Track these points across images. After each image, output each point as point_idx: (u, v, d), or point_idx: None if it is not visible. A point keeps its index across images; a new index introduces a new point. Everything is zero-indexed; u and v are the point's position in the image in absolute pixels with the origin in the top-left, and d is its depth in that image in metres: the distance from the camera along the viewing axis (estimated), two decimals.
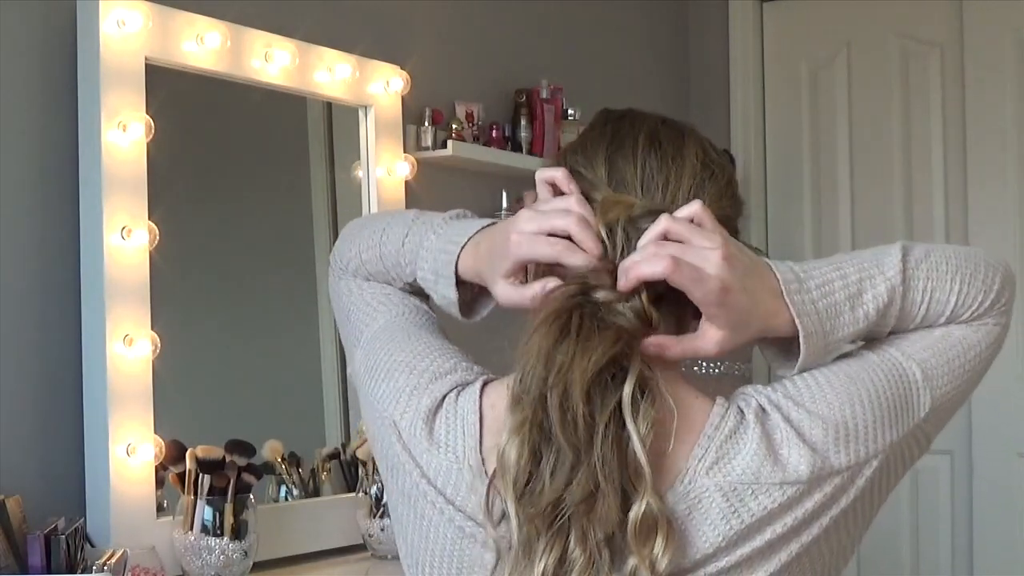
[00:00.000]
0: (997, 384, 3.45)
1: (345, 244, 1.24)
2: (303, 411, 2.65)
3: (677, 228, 0.97)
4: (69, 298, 2.07)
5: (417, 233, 1.15)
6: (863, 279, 1.02)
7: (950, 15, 3.52)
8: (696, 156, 1.08)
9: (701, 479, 0.95)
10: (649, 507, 0.92)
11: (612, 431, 0.92)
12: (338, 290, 1.23)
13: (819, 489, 0.96)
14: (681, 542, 0.94)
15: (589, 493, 0.91)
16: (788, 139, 3.82)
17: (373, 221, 1.24)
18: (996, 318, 1.08)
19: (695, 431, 0.97)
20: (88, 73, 2.07)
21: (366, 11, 2.71)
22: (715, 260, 0.96)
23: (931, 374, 1.03)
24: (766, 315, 0.99)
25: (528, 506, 0.92)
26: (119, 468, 2.03)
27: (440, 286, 1.11)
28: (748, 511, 0.95)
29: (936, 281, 1.04)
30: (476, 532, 0.99)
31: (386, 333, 1.13)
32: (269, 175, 2.61)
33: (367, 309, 1.18)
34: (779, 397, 0.99)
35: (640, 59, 3.67)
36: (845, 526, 0.99)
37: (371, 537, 2.39)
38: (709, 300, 0.97)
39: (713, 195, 1.06)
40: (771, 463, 0.95)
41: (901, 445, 1.01)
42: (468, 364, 1.08)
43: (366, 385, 1.10)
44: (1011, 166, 3.41)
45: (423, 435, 1.02)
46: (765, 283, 0.99)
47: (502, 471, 0.94)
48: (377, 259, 1.18)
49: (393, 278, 1.18)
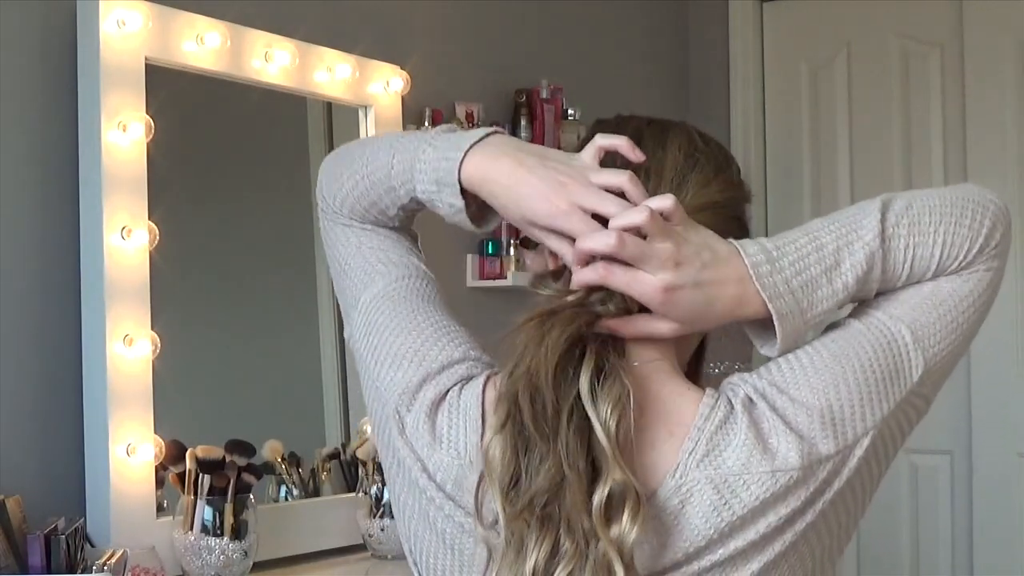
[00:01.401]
0: (997, 384, 3.47)
1: (330, 180, 1.18)
2: (303, 411, 2.65)
3: (646, 225, 0.97)
4: (69, 298, 2.07)
5: (405, 151, 1.10)
6: (840, 248, 1.01)
7: (950, 15, 3.52)
8: (679, 148, 1.08)
9: (692, 472, 0.95)
10: (612, 488, 0.91)
11: (575, 419, 0.93)
12: (333, 238, 1.19)
13: (812, 476, 0.96)
14: (671, 533, 0.95)
15: (556, 483, 0.92)
16: (788, 139, 3.82)
17: (352, 151, 1.19)
18: (988, 262, 1.04)
19: (685, 424, 0.98)
20: (88, 73, 2.07)
21: (366, 11, 2.71)
22: (667, 266, 0.97)
23: (921, 334, 1.01)
24: (730, 306, 0.99)
25: (514, 503, 0.93)
26: (119, 468, 2.03)
27: (445, 195, 1.06)
28: (740, 502, 0.95)
29: (919, 236, 1.01)
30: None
31: (388, 303, 1.10)
32: (269, 175, 2.61)
33: (366, 267, 1.14)
34: (764, 385, 0.99)
35: (640, 59, 3.67)
36: (844, 506, 0.99)
37: (371, 537, 2.39)
38: (648, 300, 0.98)
39: (698, 183, 1.07)
40: (760, 453, 0.95)
41: (896, 415, 1.00)
42: (476, 353, 1.07)
43: (369, 367, 1.08)
44: (1011, 166, 3.40)
45: (425, 430, 1.02)
46: (730, 272, 0.99)
47: (488, 470, 0.94)
48: (367, 190, 1.13)
49: (387, 205, 1.13)
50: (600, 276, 0.98)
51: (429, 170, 1.06)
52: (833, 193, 3.72)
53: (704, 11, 3.90)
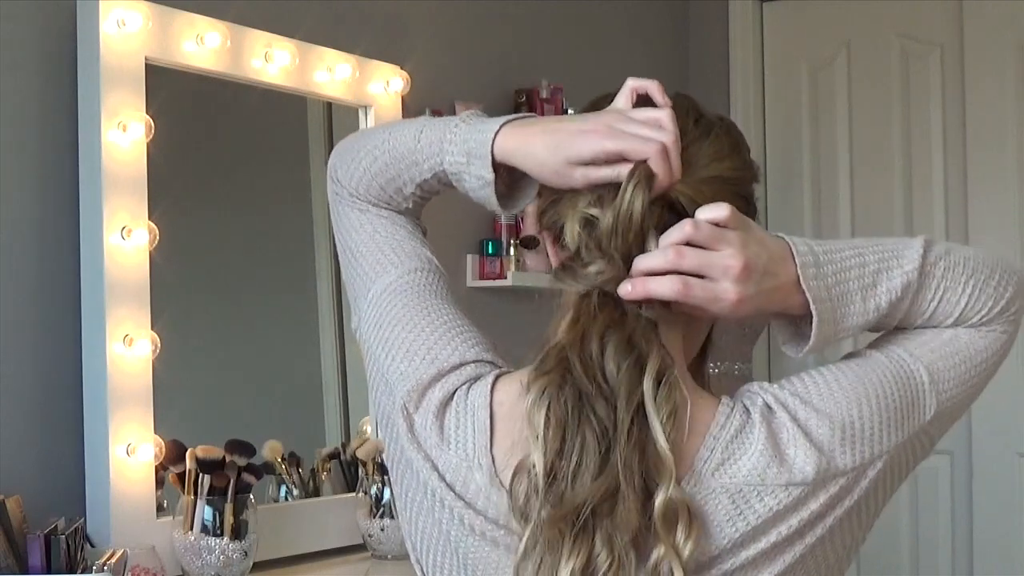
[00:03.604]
0: (997, 384, 3.44)
1: (346, 158, 1.16)
2: (303, 411, 2.65)
3: (699, 237, 0.97)
4: (69, 298, 2.07)
5: (434, 129, 1.08)
6: (880, 270, 1.02)
7: (950, 15, 3.52)
8: (687, 114, 1.07)
9: (707, 480, 0.95)
10: (671, 497, 0.91)
11: (635, 426, 0.93)
12: (346, 222, 1.16)
13: (824, 490, 0.96)
14: (698, 535, 0.94)
15: (610, 493, 0.91)
16: (788, 139, 3.82)
17: (372, 132, 1.17)
18: (1004, 326, 1.07)
19: (700, 431, 0.97)
20: (88, 73, 2.07)
21: (366, 11, 2.71)
22: (733, 275, 0.96)
23: (937, 377, 1.03)
24: (781, 303, 1.00)
25: (552, 507, 0.92)
26: (119, 468, 2.03)
27: (475, 167, 1.04)
28: (754, 513, 0.94)
29: (951, 281, 1.04)
30: (486, 529, 0.98)
31: (400, 296, 1.09)
32: (269, 175, 2.61)
33: (378, 256, 1.12)
34: (786, 395, 0.99)
35: (640, 59, 3.67)
36: (849, 527, 0.99)
37: (371, 537, 2.39)
38: (724, 312, 0.98)
39: (710, 155, 1.05)
40: (777, 464, 0.95)
41: (906, 447, 1.00)
42: (488, 355, 1.06)
43: (379, 358, 1.07)
44: (1011, 166, 3.41)
45: (433, 429, 1.01)
46: (784, 273, 0.99)
47: (525, 472, 0.94)
48: (385, 165, 1.11)
49: (405, 182, 1.11)
50: (678, 291, 0.96)
51: (459, 141, 1.05)
52: (833, 193, 3.72)
53: (704, 11, 3.90)
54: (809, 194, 3.77)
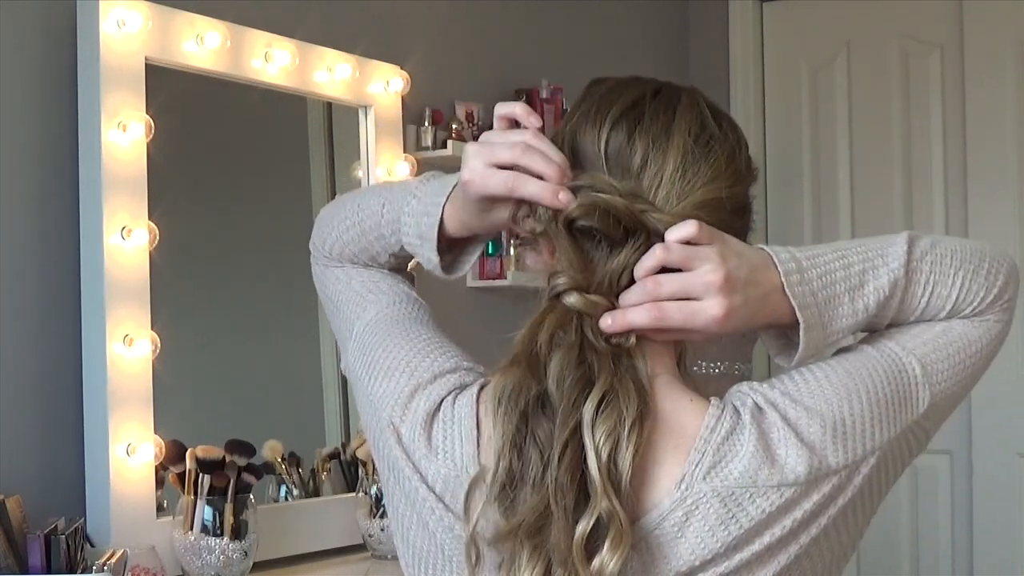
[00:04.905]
0: (997, 384, 3.46)
1: (323, 230, 1.20)
2: (303, 411, 2.65)
3: (673, 259, 0.95)
4: (69, 298, 2.07)
5: (394, 201, 1.11)
6: (866, 270, 1.01)
7: (950, 15, 3.52)
8: (687, 131, 1.03)
9: (698, 484, 0.94)
10: (598, 518, 0.90)
11: (569, 449, 0.92)
12: (324, 279, 1.20)
13: (816, 490, 0.95)
14: (675, 546, 0.93)
15: (541, 514, 0.91)
16: (788, 139, 3.82)
17: (344, 202, 1.20)
18: (998, 315, 1.06)
19: (690, 435, 0.96)
20: (88, 73, 2.07)
21: (366, 11, 2.71)
22: (715, 288, 0.95)
23: (930, 370, 1.01)
24: (769, 313, 0.99)
25: (509, 518, 0.92)
26: (119, 468, 2.03)
27: (425, 250, 1.07)
28: (746, 516, 0.93)
29: (939, 275, 1.03)
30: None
31: (381, 326, 1.10)
32: (269, 175, 2.61)
33: (357, 299, 1.14)
34: (776, 395, 0.98)
35: (640, 59, 3.67)
36: (844, 525, 0.98)
37: (371, 537, 2.39)
38: (712, 329, 0.97)
39: (707, 176, 1.02)
40: (768, 465, 0.94)
41: (899, 441, 0.99)
42: (469, 363, 1.06)
43: (363, 382, 1.08)
44: (1011, 166, 3.41)
45: (422, 440, 1.00)
46: (767, 282, 0.98)
47: (482, 484, 0.94)
48: (358, 236, 1.15)
49: (378, 252, 1.14)
50: (655, 318, 0.95)
51: (413, 223, 1.08)
52: (833, 193, 3.72)
53: (704, 11, 3.90)
54: (809, 194, 3.77)
